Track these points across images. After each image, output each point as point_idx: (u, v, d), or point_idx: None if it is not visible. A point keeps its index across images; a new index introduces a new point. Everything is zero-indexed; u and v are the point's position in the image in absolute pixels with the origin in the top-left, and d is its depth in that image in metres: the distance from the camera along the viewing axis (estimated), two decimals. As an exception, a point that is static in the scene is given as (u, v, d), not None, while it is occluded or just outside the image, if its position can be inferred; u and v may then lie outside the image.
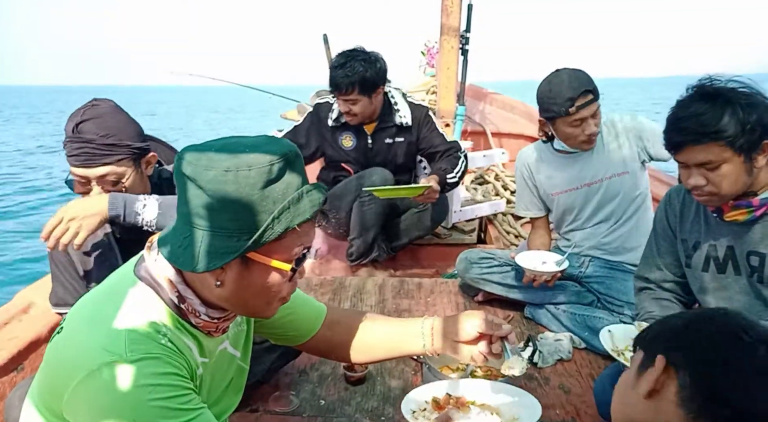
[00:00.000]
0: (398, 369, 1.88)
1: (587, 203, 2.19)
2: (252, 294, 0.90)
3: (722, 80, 1.33)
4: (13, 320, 1.96)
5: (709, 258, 1.50)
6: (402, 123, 2.65)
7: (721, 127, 1.27)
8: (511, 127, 5.11)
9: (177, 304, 0.90)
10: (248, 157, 0.81)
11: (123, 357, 0.79)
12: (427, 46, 5.86)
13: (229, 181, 0.80)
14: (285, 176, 0.83)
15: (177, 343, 0.88)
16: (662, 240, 1.63)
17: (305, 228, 0.87)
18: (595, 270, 2.22)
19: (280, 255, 0.86)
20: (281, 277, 0.89)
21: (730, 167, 1.31)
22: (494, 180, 3.89)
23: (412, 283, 2.56)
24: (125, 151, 1.33)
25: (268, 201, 0.82)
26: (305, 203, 0.84)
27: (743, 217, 1.39)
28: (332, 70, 2.48)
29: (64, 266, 1.49)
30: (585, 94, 1.96)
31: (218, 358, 1.04)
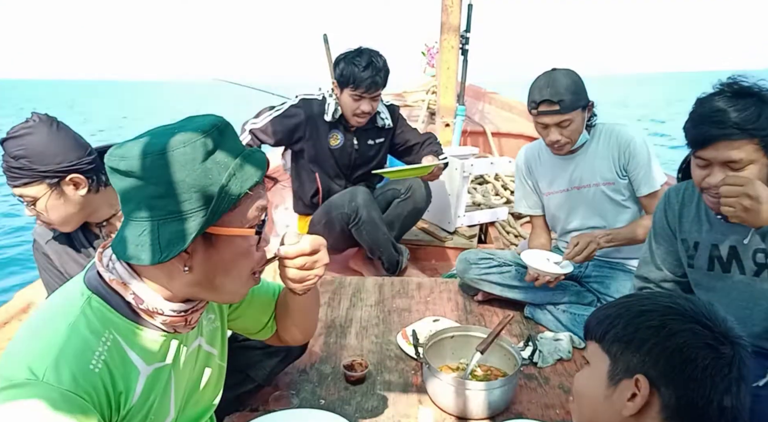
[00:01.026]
0: (398, 369, 1.88)
1: (578, 206, 2.20)
2: (223, 272, 0.88)
3: (748, 80, 1.30)
4: (13, 320, 1.97)
5: (712, 258, 1.50)
6: (384, 125, 2.71)
7: (761, 124, 1.23)
8: (511, 126, 5.11)
9: (133, 309, 0.88)
10: (179, 135, 0.80)
11: (38, 380, 0.76)
12: (427, 46, 5.87)
13: (167, 163, 0.79)
14: (221, 145, 0.83)
15: (114, 363, 0.84)
16: (661, 239, 1.63)
17: (257, 191, 0.86)
18: (595, 269, 2.22)
19: (239, 223, 0.86)
20: (247, 246, 0.88)
21: (756, 169, 1.27)
22: (494, 180, 3.90)
23: (412, 283, 2.56)
24: (31, 175, 1.31)
25: (213, 173, 0.81)
26: (249, 167, 0.84)
27: None
28: (355, 70, 2.46)
29: (47, 269, 1.51)
30: (549, 103, 1.94)
31: (191, 357, 1.01)
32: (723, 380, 0.78)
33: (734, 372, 0.79)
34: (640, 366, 0.81)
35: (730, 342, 0.80)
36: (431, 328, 2.03)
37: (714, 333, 0.80)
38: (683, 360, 0.79)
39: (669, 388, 0.79)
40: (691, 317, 0.82)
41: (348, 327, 2.17)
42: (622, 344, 0.84)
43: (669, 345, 0.80)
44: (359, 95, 2.50)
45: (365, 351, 1.99)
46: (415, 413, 1.65)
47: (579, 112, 2.00)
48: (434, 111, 4.56)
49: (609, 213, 2.15)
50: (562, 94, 1.94)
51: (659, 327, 0.82)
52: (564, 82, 1.96)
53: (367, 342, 2.06)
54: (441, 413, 1.65)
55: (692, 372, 0.78)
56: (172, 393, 0.97)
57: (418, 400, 1.71)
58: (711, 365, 0.78)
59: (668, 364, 0.80)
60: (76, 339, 0.81)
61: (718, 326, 0.81)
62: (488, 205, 3.51)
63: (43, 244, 1.50)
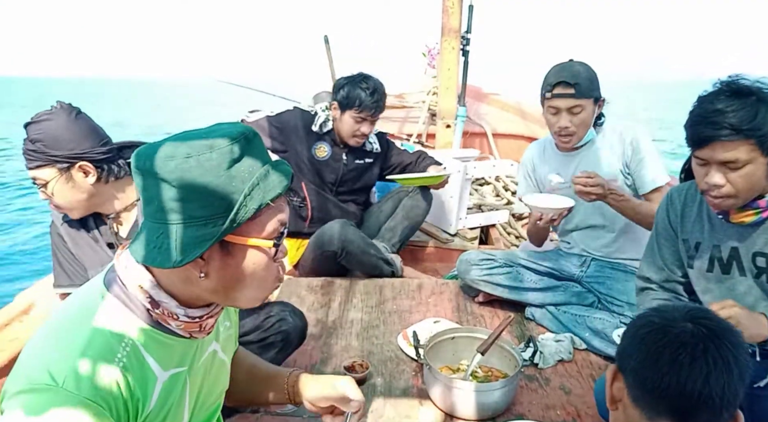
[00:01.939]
0: (398, 370, 1.88)
1: (580, 205, 2.19)
2: (238, 280, 0.87)
3: (749, 80, 1.30)
4: (14, 321, 1.97)
5: (713, 259, 1.49)
6: (372, 149, 2.80)
7: (756, 125, 1.23)
8: (512, 127, 5.11)
9: (149, 312, 0.87)
10: (207, 141, 0.80)
11: (58, 386, 0.76)
12: (428, 47, 5.87)
13: (192, 167, 0.79)
14: (248, 154, 0.82)
15: (133, 369, 0.84)
16: (663, 239, 1.63)
17: (278, 203, 0.86)
18: (596, 270, 2.22)
19: (258, 233, 0.85)
20: (264, 257, 0.87)
21: (754, 168, 1.27)
22: (495, 181, 3.90)
23: (412, 284, 2.56)
24: (43, 158, 1.38)
25: (236, 181, 0.80)
26: (274, 178, 0.83)
27: (750, 219, 1.37)
28: (362, 94, 2.56)
29: (58, 247, 1.57)
30: (566, 85, 1.96)
31: (205, 362, 1.01)
32: (654, 350, 0.83)
33: (667, 343, 0.82)
34: (619, 357, 0.91)
35: (683, 324, 0.84)
36: (432, 329, 2.03)
37: (666, 320, 0.86)
38: (636, 348, 0.86)
39: (628, 375, 0.87)
40: (653, 314, 0.89)
41: (349, 328, 2.17)
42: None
43: (631, 337, 0.89)
44: (363, 118, 2.59)
45: (366, 353, 1.99)
46: (416, 414, 1.65)
47: (591, 102, 2.00)
48: (435, 112, 4.56)
49: (609, 212, 2.15)
50: (578, 78, 1.96)
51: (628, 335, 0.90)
52: (581, 68, 1.99)
53: (368, 343, 2.06)
54: (442, 414, 1.65)
55: (642, 357, 0.85)
56: (187, 398, 0.97)
57: (418, 401, 1.71)
58: (646, 340, 0.85)
59: (625, 352, 0.89)
60: (97, 344, 0.81)
61: (672, 313, 0.87)
62: (489, 206, 3.51)
63: (59, 225, 1.56)
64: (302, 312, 1.76)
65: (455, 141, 4.18)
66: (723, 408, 0.81)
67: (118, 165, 1.48)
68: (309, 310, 2.30)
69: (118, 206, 1.52)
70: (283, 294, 2.44)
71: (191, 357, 0.96)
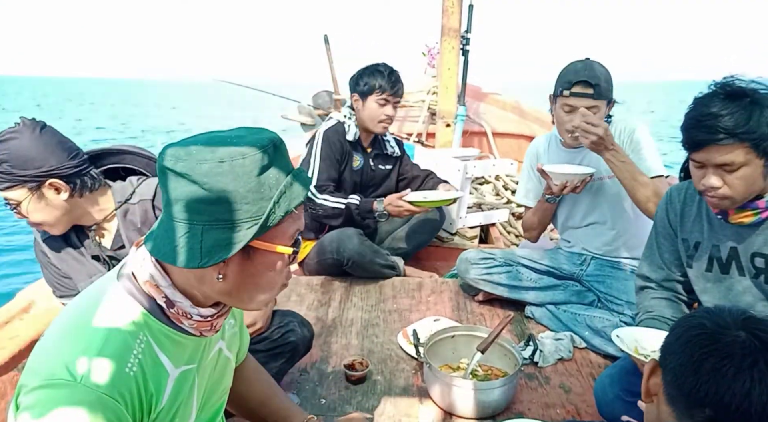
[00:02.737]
0: (399, 369, 1.88)
1: (581, 200, 2.19)
2: (254, 284, 0.89)
3: (745, 81, 1.30)
4: (15, 319, 1.97)
5: (712, 259, 1.49)
6: (393, 152, 2.79)
7: (750, 128, 1.23)
8: (511, 127, 5.12)
9: (163, 310, 0.89)
10: (239, 147, 0.81)
11: (77, 382, 0.77)
12: (428, 47, 5.87)
13: (225, 172, 0.80)
14: (276, 162, 0.84)
15: (147, 365, 0.85)
16: (663, 238, 1.63)
17: (299, 210, 0.89)
18: (596, 268, 2.22)
19: (280, 239, 0.87)
20: (282, 262, 0.90)
21: (750, 170, 1.28)
22: (495, 180, 3.90)
23: (412, 283, 2.56)
24: (12, 179, 1.33)
25: (265, 187, 0.82)
26: (297, 187, 0.86)
27: (749, 220, 1.38)
28: (380, 76, 2.55)
29: (44, 264, 1.55)
30: (585, 85, 1.93)
31: (212, 360, 1.03)
32: (716, 373, 0.78)
33: (728, 366, 0.77)
34: (663, 354, 0.88)
35: (736, 333, 0.80)
36: (432, 328, 2.04)
37: (718, 326, 0.81)
38: (681, 349, 0.83)
39: (667, 373, 0.85)
40: (705, 316, 0.85)
41: (349, 326, 2.17)
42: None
43: (678, 336, 0.86)
44: (386, 99, 2.57)
45: (366, 351, 1.99)
46: (416, 412, 1.65)
47: (605, 104, 1.99)
48: (435, 111, 4.56)
49: (610, 208, 2.15)
50: (599, 79, 1.93)
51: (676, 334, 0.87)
52: (602, 69, 1.97)
53: (368, 341, 2.06)
54: (441, 412, 1.65)
55: (685, 359, 0.82)
56: (195, 395, 0.98)
57: (418, 400, 1.71)
58: (701, 356, 0.80)
59: (669, 350, 0.86)
60: (114, 341, 0.82)
61: (726, 318, 0.82)
62: (489, 205, 3.51)
63: (41, 242, 1.53)
64: (309, 322, 1.76)
65: (455, 140, 4.18)
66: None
67: (92, 176, 1.44)
68: (309, 309, 2.30)
69: (98, 216, 1.48)
70: (283, 293, 2.45)
71: (200, 354, 0.98)
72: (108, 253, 1.50)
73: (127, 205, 1.48)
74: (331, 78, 5.62)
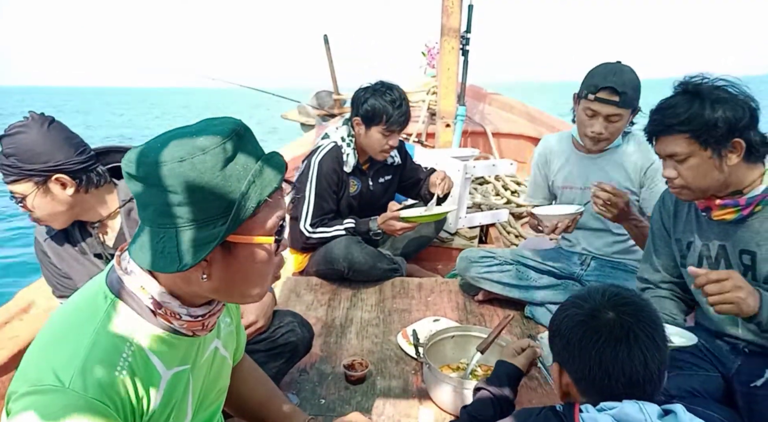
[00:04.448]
0: (398, 369, 1.88)
1: (590, 206, 2.19)
2: (243, 278, 0.87)
3: (710, 79, 1.36)
4: (14, 319, 1.97)
5: (702, 258, 1.51)
6: (394, 162, 2.68)
7: (685, 120, 1.32)
8: (511, 127, 5.12)
9: (153, 312, 0.87)
10: (198, 141, 0.78)
11: (64, 387, 0.76)
12: (428, 47, 5.87)
13: (186, 171, 0.77)
14: (241, 151, 0.81)
15: (138, 368, 0.84)
16: (659, 240, 1.64)
17: (276, 198, 0.85)
18: (597, 269, 2.22)
19: (259, 230, 0.84)
20: (266, 253, 0.86)
21: (697, 161, 1.35)
22: (495, 180, 3.90)
23: (412, 283, 2.56)
24: (18, 172, 1.35)
25: (232, 180, 0.79)
26: (269, 173, 0.82)
27: (731, 216, 1.41)
28: (389, 108, 2.38)
29: (45, 264, 1.54)
30: (612, 91, 1.88)
31: (208, 359, 1.02)
32: (594, 347, 0.94)
33: (603, 338, 0.94)
34: (556, 355, 1.04)
35: (604, 312, 0.96)
36: (431, 328, 2.03)
37: (585, 310, 0.98)
38: (566, 342, 0.99)
39: (566, 367, 1.00)
40: (571, 304, 1.03)
41: (348, 327, 2.17)
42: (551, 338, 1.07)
43: (558, 332, 1.02)
44: (391, 131, 2.43)
45: (365, 351, 1.99)
46: (416, 413, 1.65)
47: (630, 112, 1.95)
48: (435, 111, 4.56)
49: None
50: (626, 87, 1.87)
51: (557, 322, 1.04)
52: (631, 76, 1.90)
53: (368, 342, 2.06)
54: (441, 413, 1.65)
55: (571, 349, 0.98)
56: (190, 395, 0.97)
57: (418, 400, 1.71)
58: (583, 338, 0.96)
59: (561, 348, 1.01)
60: (102, 344, 0.81)
61: (589, 302, 0.99)
62: (489, 205, 3.51)
63: (42, 242, 1.52)
64: (310, 323, 1.76)
65: (455, 140, 4.18)
66: (661, 379, 0.94)
67: (98, 173, 1.44)
68: (309, 309, 2.30)
69: (103, 213, 1.48)
70: (283, 294, 2.44)
71: (194, 355, 0.96)
72: (110, 251, 1.50)
73: (131, 203, 1.48)
74: (331, 78, 5.63)
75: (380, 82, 2.47)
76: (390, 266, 2.59)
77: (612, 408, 0.87)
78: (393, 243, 2.80)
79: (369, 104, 2.39)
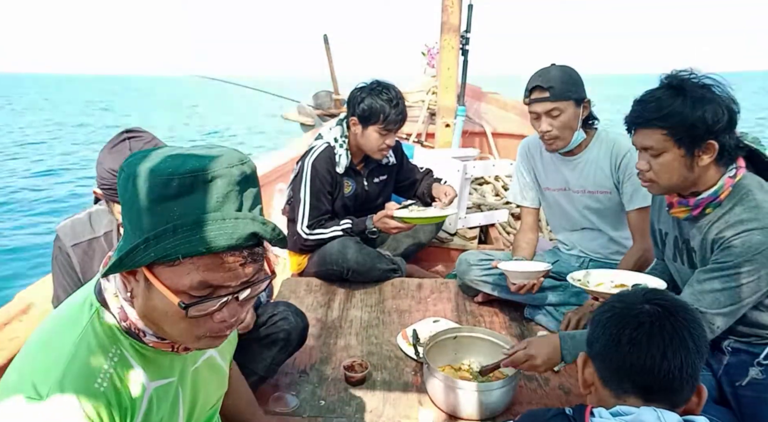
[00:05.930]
0: (398, 369, 1.88)
1: (573, 209, 2.20)
2: (159, 319, 0.80)
3: (698, 75, 1.36)
4: (14, 320, 1.96)
5: (674, 248, 1.59)
6: (389, 162, 2.68)
7: (663, 116, 1.33)
8: (511, 127, 5.12)
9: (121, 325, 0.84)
10: (160, 164, 0.73)
11: (42, 399, 0.73)
12: (428, 47, 5.87)
13: (128, 188, 0.74)
14: (190, 196, 0.72)
15: (121, 379, 0.81)
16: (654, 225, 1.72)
17: (209, 264, 0.73)
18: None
19: (169, 281, 0.75)
20: (173, 309, 0.75)
21: (669, 157, 1.37)
22: (494, 181, 3.90)
23: (412, 283, 2.56)
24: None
25: (160, 218, 0.72)
26: (210, 233, 0.71)
27: (682, 215, 1.46)
28: (386, 107, 2.38)
29: (65, 269, 1.48)
30: (540, 89, 1.98)
31: (200, 369, 0.99)
32: (633, 343, 0.89)
33: (641, 334, 0.89)
34: (589, 346, 1.00)
35: (641, 306, 0.92)
36: (431, 329, 2.03)
37: (625, 304, 0.94)
38: (601, 332, 0.95)
39: (596, 360, 0.96)
40: (616, 299, 0.98)
41: (348, 328, 2.17)
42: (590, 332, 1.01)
43: (596, 323, 0.97)
44: (388, 130, 2.43)
45: (365, 352, 1.99)
46: (415, 414, 1.65)
47: (571, 104, 1.99)
48: (434, 111, 4.56)
49: (599, 219, 2.16)
50: (552, 81, 1.97)
51: (598, 313, 0.99)
52: (556, 72, 2.00)
53: (367, 343, 2.06)
54: (441, 413, 1.65)
55: (606, 339, 0.93)
56: (181, 407, 0.95)
57: (418, 401, 1.71)
58: (619, 327, 0.91)
59: (592, 338, 0.97)
60: (82, 356, 0.79)
61: (630, 298, 0.95)
62: (488, 205, 3.51)
63: (68, 245, 1.46)
64: (304, 313, 1.77)
65: (454, 140, 4.18)
66: (684, 382, 0.87)
67: None
68: (308, 310, 2.30)
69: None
70: (282, 295, 2.44)
71: (180, 367, 0.94)
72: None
73: None
74: (331, 78, 5.62)
75: (376, 81, 2.47)
76: (389, 266, 2.58)
77: (628, 414, 0.85)
78: (392, 243, 2.79)
79: (366, 103, 2.39)
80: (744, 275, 1.32)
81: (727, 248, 1.34)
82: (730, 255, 1.33)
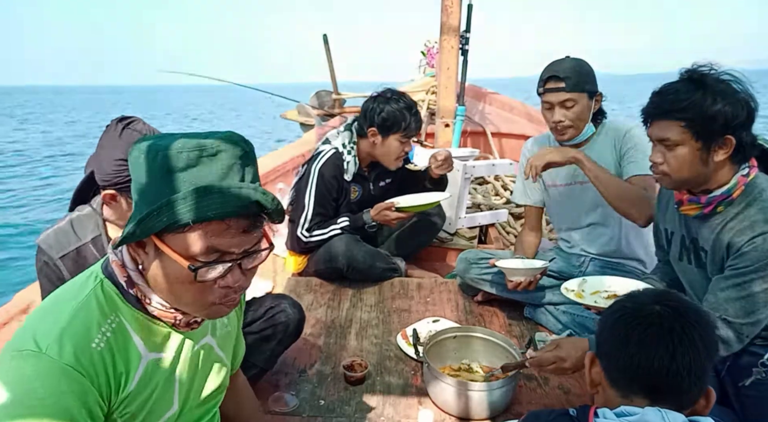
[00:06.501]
0: (398, 369, 1.88)
1: (580, 202, 2.19)
2: (169, 288, 0.86)
3: (717, 71, 1.35)
4: (13, 321, 1.97)
5: (681, 247, 1.57)
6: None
7: (683, 108, 1.32)
8: (511, 127, 5.11)
9: (127, 292, 0.89)
10: (169, 141, 0.81)
11: (42, 352, 0.79)
12: (427, 46, 5.87)
13: (141, 162, 0.82)
14: (197, 167, 0.80)
15: (117, 344, 0.86)
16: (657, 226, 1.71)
17: (216, 229, 0.80)
18: (595, 269, 2.21)
19: (180, 248, 0.81)
20: (183, 274, 0.83)
21: (685, 151, 1.36)
22: (494, 180, 3.89)
23: (412, 283, 2.56)
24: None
25: (171, 187, 0.79)
26: (217, 200, 0.78)
27: (693, 213, 1.45)
28: (406, 115, 2.41)
29: (54, 283, 1.41)
30: (555, 79, 1.99)
31: (197, 353, 1.02)
32: (642, 343, 0.87)
33: (650, 335, 0.87)
34: (598, 345, 0.98)
35: (651, 307, 0.90)
36: (431, 329, 2.03)
37: (636, 304, 0.93)
38: (610, 331, 0.94)
39: (603, 359, 0.94)
40: (626, 298, 0.97)
41: (348, 327, 2.17)
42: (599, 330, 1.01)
43: (605, 322, 0.96)
44: (408, 137, 2.46)
45: (365, 352, 1.99)
46: (415, 413, 1.65)
47: (584, 96, 2.00)
48: (434, 111, 4.56)
49: (607, 213, 2.15)
50: (568, 72, 1.98)
51: (607, 313, 0.98)
52: (572, 63, 2.01)
53: (367, 342, 2.06)
54: (441, 413, 1.65)
55: (615, 338, 0.92)
56: (176, 387, 0.98)
57: (418, 401, 1.71)
58: (628, 326, 0.90)
59: (600, 338, 0.96)
60: (82, 317, 0.84)
61: (641, 298, 0.94)
62: (488, 205, 3.51)
63: (55, 257, 1.41)
64: (300, 304, 1.78)
65: (454, 140, 4.17)
66: (692, 383, 0.86)
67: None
68: (308, 310, 2.30)
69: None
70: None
71: (178, 346, 0.97)
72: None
73: None
74: (331, 78, 5.62)
75: (388, 89, 2.50)
76: (389, 266, 2.59)
77: (632, 414, 0.84)
78: (392, 243, 2.80)
79: (386, 113, 2.40)
80: (767, 278, 1.30)
81: (744, 253, 1.32)
82: (749, 260, 1.31)
